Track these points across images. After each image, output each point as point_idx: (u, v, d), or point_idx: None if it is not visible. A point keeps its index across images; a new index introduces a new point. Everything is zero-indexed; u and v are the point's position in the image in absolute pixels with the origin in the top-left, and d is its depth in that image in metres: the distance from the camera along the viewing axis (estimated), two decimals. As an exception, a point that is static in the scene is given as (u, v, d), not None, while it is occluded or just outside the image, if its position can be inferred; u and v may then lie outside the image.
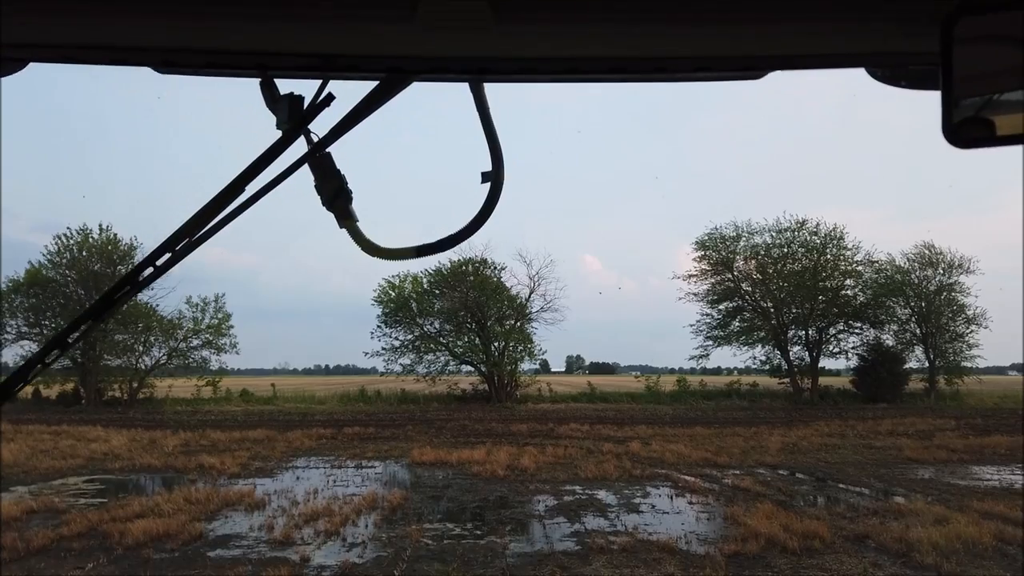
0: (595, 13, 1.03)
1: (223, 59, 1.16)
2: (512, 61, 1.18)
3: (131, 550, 8.97)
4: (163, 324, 36.12)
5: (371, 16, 1.03)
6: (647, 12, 1.03)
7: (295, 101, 1.23)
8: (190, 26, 1.07)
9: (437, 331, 37.83)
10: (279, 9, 1.02)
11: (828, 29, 1.07)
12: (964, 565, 8.08)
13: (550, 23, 1.05)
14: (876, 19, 1.04)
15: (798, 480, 14.29)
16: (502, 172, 1.30)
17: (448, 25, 1.03)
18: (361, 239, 1.35)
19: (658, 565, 8.21)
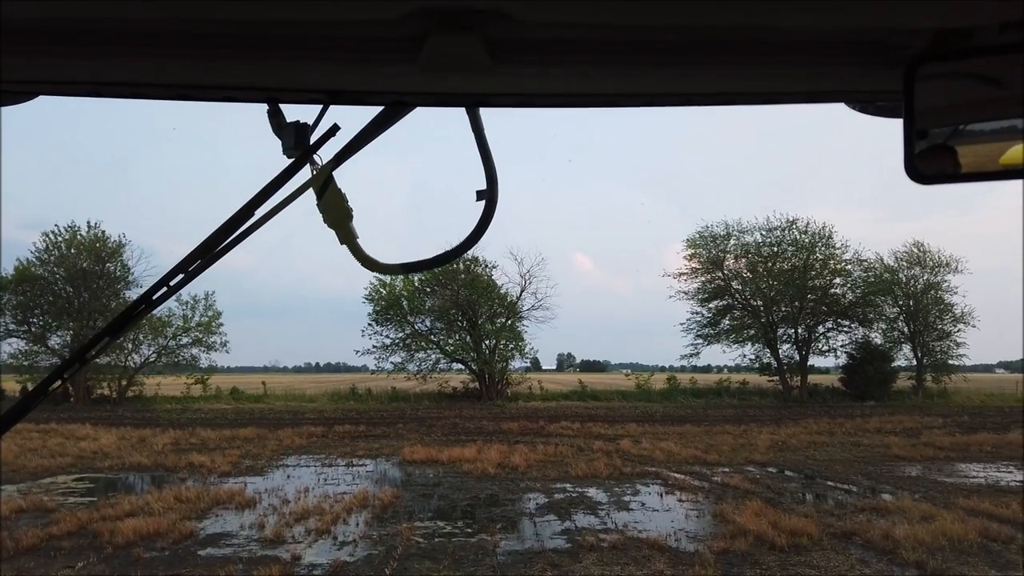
0: (587, 55, 1.08)
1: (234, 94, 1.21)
2: (508, 96, 1.23)
3: (121, 549, 8.95)
4: (152, 322, 35.92)
5: (375, 56, 1.08)
6: (637, 55, 1.08)
7: (301, 129, 1.27)
8: (204, 64, 1.12)
9: (428, 329, 37.85)
10: (288, 48, 1.07)
11: (806, 70, 1.13)
12: (949, 562, 8.17)
13: (544, 64, 1.10)
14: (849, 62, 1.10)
15: (787, 478, 14.39)
16: (496, 191, 1.34)
17: (448, 66, 1.07)
18: (361, 255, 1.39)
19: (648, 563, 8.26)
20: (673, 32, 1.05)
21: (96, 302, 34.77)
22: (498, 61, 1.07)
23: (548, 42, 1.06)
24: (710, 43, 1.07)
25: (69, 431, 22.01)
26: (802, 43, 1.07)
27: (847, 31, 1.05)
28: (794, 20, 0.99)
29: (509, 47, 1.05)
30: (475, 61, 1.05)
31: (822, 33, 1.05)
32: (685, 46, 1.08)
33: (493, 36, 1.02)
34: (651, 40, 1.06)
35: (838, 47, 1.08)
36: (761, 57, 1.09)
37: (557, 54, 1.08)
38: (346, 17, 0.99)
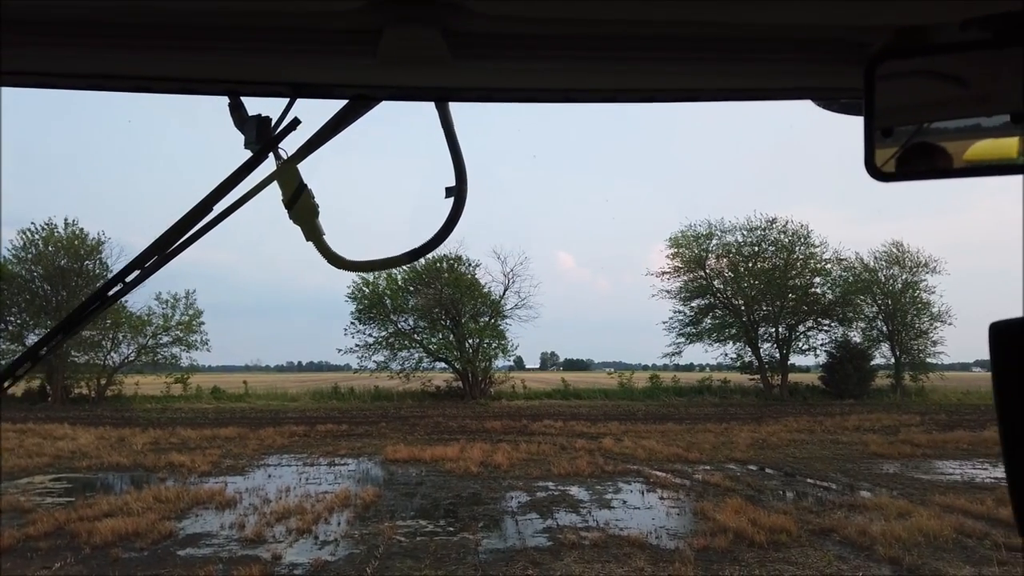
0: (548, 50, 1.08)
1: (195, 86, 1.20)
2: (471, 91, 1.23)
3: (99, 549, 8.87)
4: (132, 320, 35.55)
5: (337, 49, 1.07)
6: (597, 51, 1.08)
7: (263, 123, 1.26)
8: (161, 55, 1.11)
9: (411, 328, 37.75)
10: (249, 41, 1.06)
11: (768, 67, 1.14)
12: (925, 558, 8.29)
13: (505, 59, 1.10)
14: (811, 59, 1.11)
15: (767, 475, 14.52)
16: (465, 187, 1.34)
17: (408, 59, 1.07)
18: (327, 251, 1.39)
19: (628, 560, 8.31)
20: (634, 28, 1.05)
21: (74, 300, 34.26)
22: (458, 55, 1.06)
23: (508, 36, 1.06)
24: (672, 40, 1.08)
25: (46, 431, 21.74)
26: (766, 40, 1.08)
27: (809, 28, 1.05)
28: (756, 17, 1.00)
29: (469, 41, 1.05)
30: (434, 54, 1.05)
31: (785, 30, 1.06)
32: (647, 42, 1.08)
33: (452, 29, 1.02)
34: (613, 36, 1.07)
35: (801, 44, 1.09)
36: (725, 54, 1.10)
37: (518, 49, 1.08)
38: (304, 9, 0.99)
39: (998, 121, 1.06)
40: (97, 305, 1.32)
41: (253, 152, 1.27)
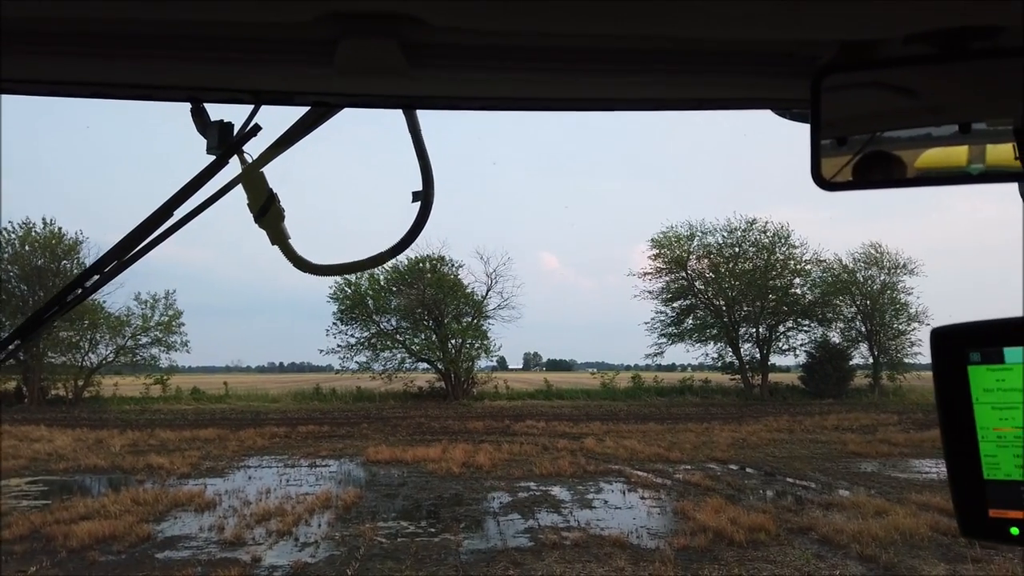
0: (505, 62, 1.09)
1: (155, 93, 1.20)
2: (431, 99, 1.24)
3: (76, 552, 8.78)
4: (110, 321, 35.15)
5: (296, 57, 1.08)
6: (555, 62, 1.09)
7: (225, 128, 1.27)
8: (123, 64, 1.10)
9: (394, 328, 37.60)
10: (210, 49, 1.06)
11: (723, 79, 1.16)
12: (901, 556, 8.41)
13: (464, 69, 1.11)
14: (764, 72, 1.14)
15: (747, 475, 14.64)
16: (432, 192, 1.35)
17: (366, 70, 1.07)
18: (292, 255, 1.39)
19: (609, 560, 8.36)
20: (590, 41, 1.07)
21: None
22: (416, 65, 1.07)
23: (467, 48, 1.06)
24: (628, 52, 1.09)
25: (23, 432, 21.42)
26: (719, 53, 1.10)
27: (759, 43, 1.08)
28: (708, 32, 1.02)
29: (427, 52, 1.06)
30: (391, 65, 1.05)
31: (737, 44, 1.08)
32: (604, 55, 1.10)
33: (408, 41, 1.02)
34: (570, 48, 1.08)
35: (753, 57, 1.11)
36: (679, 66, 1.12)
37: (476, 60, 1.08)
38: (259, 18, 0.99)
39: (947, 131, 1.09)
40: (56, 310, 1.31)
41: (215, 158, 1.27)
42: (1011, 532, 1.00)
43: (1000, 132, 1.09)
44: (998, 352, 0.99)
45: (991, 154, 1.09)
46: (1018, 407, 0.98)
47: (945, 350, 1.03)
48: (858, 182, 1.09)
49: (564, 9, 0.94)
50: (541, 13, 0.95)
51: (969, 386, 1.01)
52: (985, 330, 1.00)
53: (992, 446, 1.00)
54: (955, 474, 1.04)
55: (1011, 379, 0.98)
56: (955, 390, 1.02)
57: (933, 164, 1.10)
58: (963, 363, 1.01)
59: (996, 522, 1.01)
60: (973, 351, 1.00)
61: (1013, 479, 0.99)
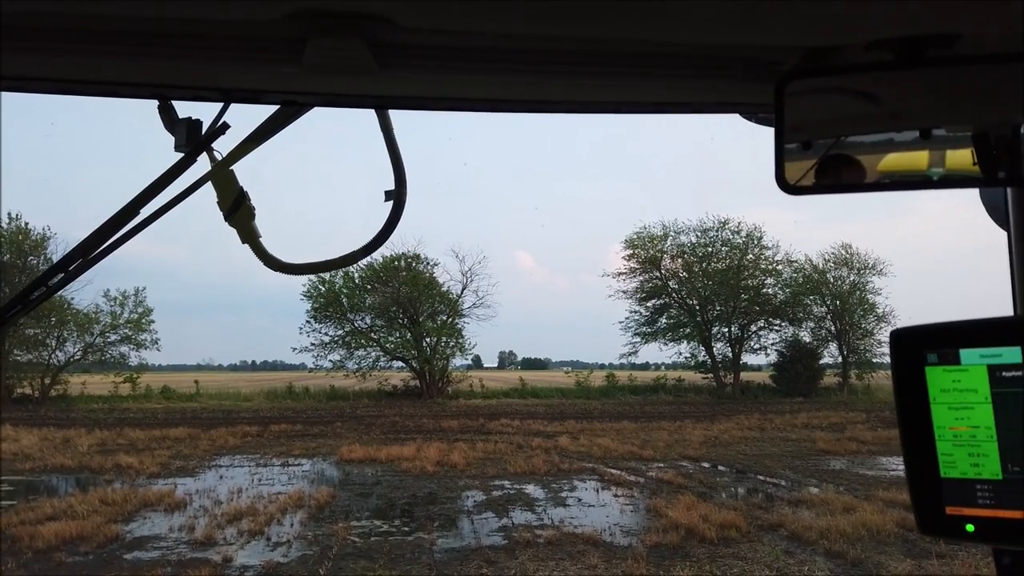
0: (474, 63, 1.10)
1: (122, 90, 1.19)
2: (400, 99, 1.24)
3: (42, 553, 8.63)
4: (78, 318, 34.52)
5: (264, 56, 1.07)
6: (524, 64, 1.10)
7: (193, 126, 1.26)
8: (88, 61, 1.09)
9: (368, 326, 37.40)
10: (177, 46, 1.05)
11: (690, 83, 1.18)
12: (868, 551, 8.56)
13: (433, 70, 1.11)
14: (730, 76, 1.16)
15: (719, 472, 14.80)
16: (405, 191, 1.35)
17: (334, 69, 1.08)
18: (263, 254, 1.39)
19: (582, 557, 8.40)
20: (558, 44, 1.07)
21: (16, 297, 33.15)
22: (384, 65, 1.07)
23: (435, 48, 1.07)
24: (597, 55, 1.10)
25: (-14, 432, 20.99)
26: (687, 57, 1.12)
27: (725, 48, 1.10)
28: (676, 36, 1.04)
29: (395, 52, 1.06)
30: (360, 65, 1.05)
31: (705, 48, 1.10)
32: (572, 57, 1.10)
33: (377, 40, 1.02)
34: (539, 51, 1.09)
35: (721, 61, 1.13)
36: (651, 68, 1.13)
37: (445, 60, 1.09)
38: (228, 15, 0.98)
39: (909, 136, 1.12)
40: (18, 309, 1.30)
41: (183, 155, 1.26)
42: (967, 529, 1.03)
43: (959, 138, 1.12)
44: (954, 353, 1.02)
45: (951, 159, 1.12)
46: (973, 407, 1.01)
47: (904, 351, 1.06)
48: (821, 186, 1.11)
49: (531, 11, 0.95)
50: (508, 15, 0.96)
51: (927, 386, 1.04)
52: (942, 332, 1.04)
53: (948, 445, 1.03)
54: (913, 472, 1.07)
55: (967, 380, 1.01)
56: (913, 390, 1.05)
57: (895, 168, 1.13)
58: (921, 364, 1.04)
59: (952, 519, 1.04)
60: (931, 352, 1.03)
61: (968, 477, 1.02)
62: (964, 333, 1.02)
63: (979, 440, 1.01)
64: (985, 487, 1.01)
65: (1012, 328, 1.02)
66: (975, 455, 1.02)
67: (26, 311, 1.31)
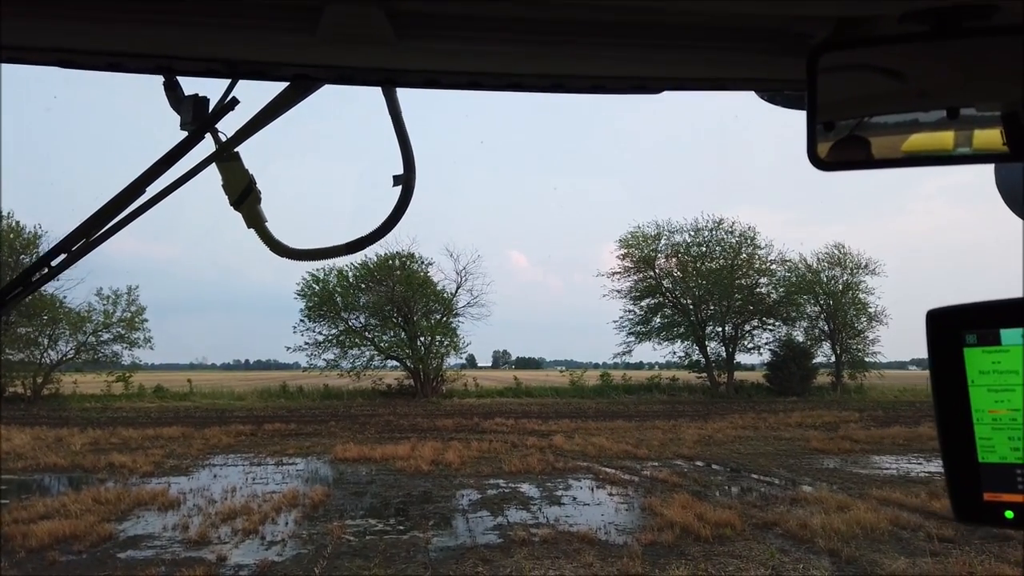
0: (492, 33, 1.07)
1: (124, 62, 1.14)
2: (416, 73, 1.20)
3: (34, 552, 8.58)
4: (70, 317, 34.35)
5: (275, 26, 1.04)
6: (544, 35, 1.07)
7: (200, 103, 1.22)
8: (91, 28, 1.05)
9: (362, 325, 37.34)
10: (184, 15, 1.02)
11: (714, 56, 1.15)
12: (862, 550, 8.58)
13: (450, 40, 1.08)
14: (755, 49, 1.12)
15: (713, 471, 14.82)
16: (414, 176, 1.32)
17: (350, 38, 1.04)
18: (270, 239, 1.36)
19: (578, 556, 8.40)
20: (582, 14, 1.05)
21: (8, 296, 32.94)
22: (402, 35, 1.04)
23: (455, 17, 1.04)
24: (618, 27, 1.08)
25: (-22, 431, 20.87)
26: (709, 29, 1.09)
27: (752, 18, 1.07)
28: (699, 6, 1.01)
29: (414, 21, 1.03)
30: (378, 34, 1.02)
31: (727, 19, 1.07)
32: (592, 29, 1.08)
33: (396, 8, 0.99)
34: (561, 21, 1.06)
35: (744, 34, 1.10)
36: (671, 42, 1.10)
37: (464, 30, 1.06)
38: None
39: (935, 116, 1.10)
40: (19, 291, 1.26)
41: (189, 133, 1.23)
42: (1006, 516, 0.99)
43: (987, 118, 1.09)
44: (995, 334, 0.98)
45: (978, 137, 1.10)
46: (1015, 389, 0.98)
47: (941, 332, 1.03)
48: (852, 162, 1.09)
49: None
50: None
51: (964, 368, 1.00)
52: (981, 311, 1.00)
53: (987, 429, 1.00)
54: (949, 457, 1.03)
55: (1007, 361, 0.98)
56: (950, 372, 1.01)
57: (919, 148, 1.11)
58: (959, 345, 1.01)
59: (990, 505, 1.01)
60: (969, 333, 1.00)
61: (1008, 462, 0.99)
62: (1005, 312, 0.98)
63: (1020, 423, 0.98)
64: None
65: None
66: (1016, 439, 0.98)
67: (27, 293, 1.28)
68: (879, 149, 1.12)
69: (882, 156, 1.11)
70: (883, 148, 1.12)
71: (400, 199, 1.33)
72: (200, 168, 1.27)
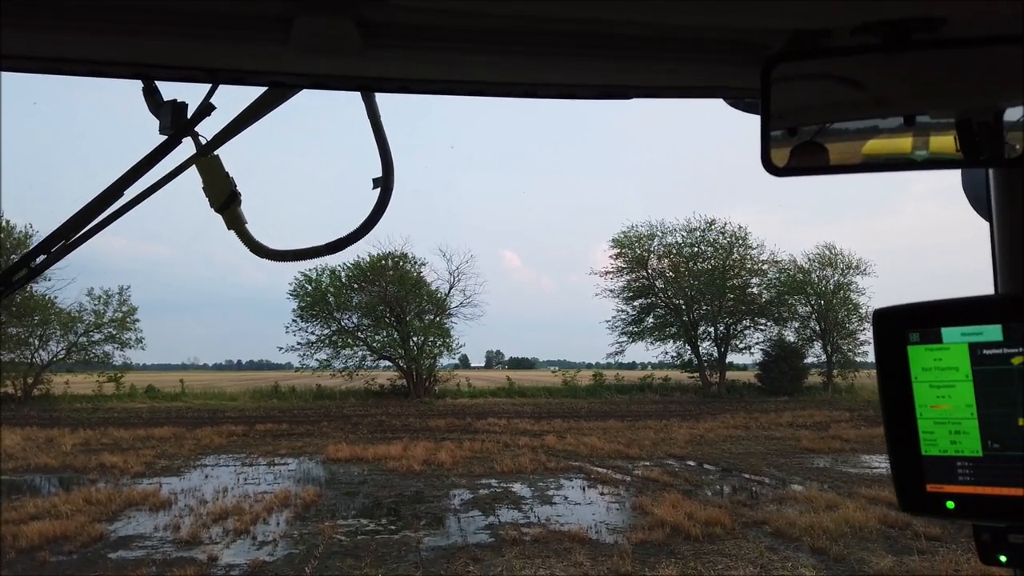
0: (462, 43, 1.09)
1: (105, 69, 1.16)
2: (389, 80, 1.23)
3: (25, 553, 8.57)
4: (61, 317, 34.19)
5: (250, 35, 1.06)
6: (512, 44, 1.10)
7: (178, 108, 1.25)
8: (71, 36, 1.07)
9: (355, 325, 37.29)
10: (162, 24, 1.04)
11: (676, 66, 1.18)
12: (851, 548, 8.66)
13: (420, 50, 1.11)
14: (716, 59, 1.15)
15: (704, 470, 14.88)
16: (392, 178, 1.35)
17: (321, 48, 1.07)
18: (249, 240, 1.38)
19: (568, 555, 8.44)
20: (548, 25, 1.07)
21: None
22: (372, 45, 1.06)
23: (424, 28, 1.07)
24: (585, 36, 1.10)
25: (-32, 432, 20.76)
26: (672, 40, 1.12)
27: (711, 29, 1.09)
28: (662, 17, 1.03)
29: (384, 31, 1.05)
30: (348, 44, 1.05)
31: (689, 30, 1.10)
32: (560, 39, 1.10)
33: (365, 19, 1.02)
34: (528, 31, 1.08)
35: (708, 44, 1.13)
36: (638, 51, 1.13)
37: (434, 40, 1.08)
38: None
39: (894, 123, 1.13)
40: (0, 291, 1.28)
41: (167, 137, 1.25)
42: (947, 506, 1.04)
43: (942, 124, 1.13)
44: (936, 332, 1.03)
45: (934, 143, 1.13)
46: (954, 385, 1.02)
47: (886, 330, 1.07)
48: (807, 168, 1.12)
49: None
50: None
51: (908, 365, 1.05)
52: (924, 311, 1.04)
53: (929, 423, 1.04)
54: (895, 450, 1.08)
55: (948, 358, 1.02)
56: (895, 369, 1.06)
57: (879, 152, 1.14)
58: (903, 343, 1.05)
59: (933, 497, 1.05)
60: (912, 331, 1.04)
61: (949, 455, 1.03)
62: (946, 311, 1.03)
63: (960, 418, 1.02)
64: (965, 464, 1.03)
65: (993, 306, 1.02)
66: (956, 433, 1.03)
67: (8, 293, 1.29)
68: (838, 155, 1.15)
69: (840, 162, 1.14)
70: (842, 154, 1.15)
71: (379, 201, 1.36)
72: (179, 171, 1.29)
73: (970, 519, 1.07)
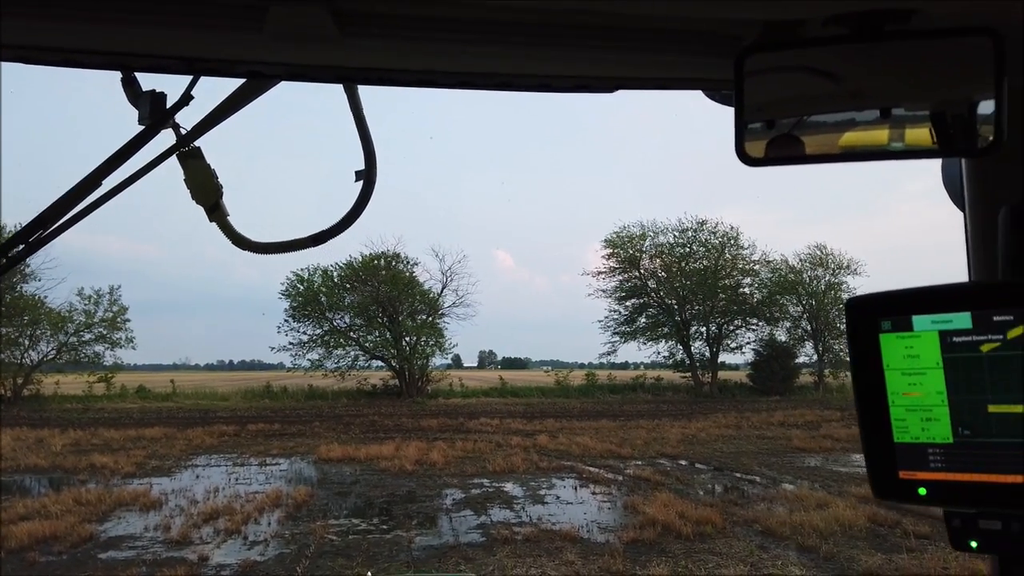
0: (439, 33, 1.09)
1: (81, 59, 1.15)
2: (368, 71, 1.23)
3: (14, 553, 8.53)
4: (51, 317, 33.98)
5: (226, 24, 1.06)
6: (491, 35, 1.10)
7: (157, 98, 1.24)
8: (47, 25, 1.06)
9: (347, 325, 37.19)
10: (139, 13, 1.04)
11: (655, 58, 1.19)
12: (840, 546, 8.70)
13: (397, 39, 1.11)
14: (692, 51, 1.17)
15: (696, 470, 14.93)
16: (375, 171, 1.36)
17: (296, 37, 1.07)
18: (231, 233, 1.39)
19: (560, 554, 8.46)
20: (525, 15, 1.08)
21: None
22: (349, 33, 1.06)
23: (400, 17, 1.07)
24: (564, 28, 1.11)
25: (-44, 432, 20.62)
26: (650, 31, 1.12)
27: (685, 21, 1.10)
28: (638, 7, 1.05)
29: (359, 20, 1.05)
30: (323, 32, 1.04)
31: (665, 22, 1.11)
32: (539, 30, 1.10)
33: (340, 8, 1.01)
34: (506, 22, 1.09)
35: (683, 36, 1.14)
36: (615, 43, 1.13)
37: (411, 30, 1.08)
38: None
39: (870, 116, 1.15)
40: None
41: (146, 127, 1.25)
42: (919, 492, 1.06)
43: (917, 116, 1.14)
44: (907, 320, 1.04)
45: (908, 135, 1.14)
46: (925, 373, 1.04)
47: (859, 319, 1.08)
48: (781, 158, 1.14)
49: None
50: None
51: (881, 353, 1.06)
52: (895, 299, 1.06)
53: (901, 410, 1.06)
54: (867, 438, 1.09)
55: (919, 346, 1.04)
56: (868, 357, 1.07)
57: (854, 143, 1.16)
58: (875, 331, 1.06)
59: (905, 483, 1.07)
60: (884, 320, 1.06)
61: (921, 442, 1.05)
62: (916, 300, 1.04)
63: (931, 405, 1.04)
64: (936, 451, 1.04)
65: (963, 294, 1.03)
66: (927, 420, 1.04)
67: None
68: (814, 145, 1.16)
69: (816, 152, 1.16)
70: (819, 144, 1.17)
71: (361, 194, 1.37)
72: (159, 161, 1.29)
73: (941, 505, 1.08)
